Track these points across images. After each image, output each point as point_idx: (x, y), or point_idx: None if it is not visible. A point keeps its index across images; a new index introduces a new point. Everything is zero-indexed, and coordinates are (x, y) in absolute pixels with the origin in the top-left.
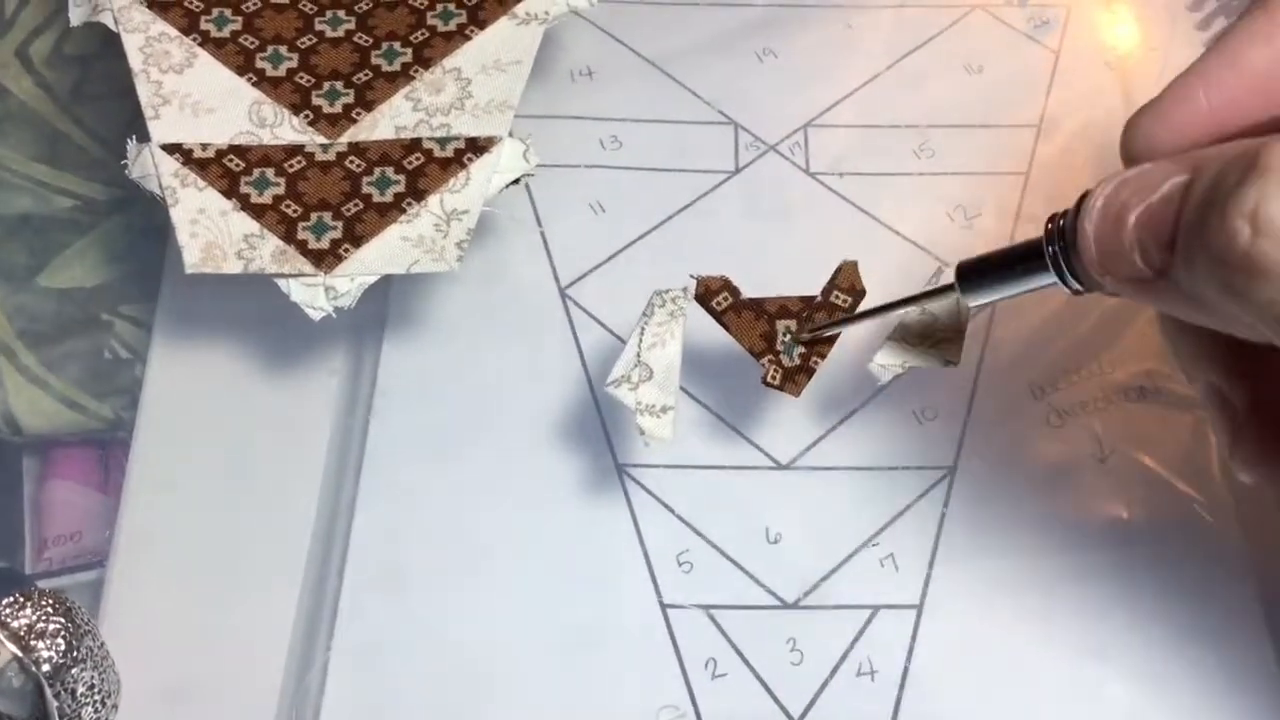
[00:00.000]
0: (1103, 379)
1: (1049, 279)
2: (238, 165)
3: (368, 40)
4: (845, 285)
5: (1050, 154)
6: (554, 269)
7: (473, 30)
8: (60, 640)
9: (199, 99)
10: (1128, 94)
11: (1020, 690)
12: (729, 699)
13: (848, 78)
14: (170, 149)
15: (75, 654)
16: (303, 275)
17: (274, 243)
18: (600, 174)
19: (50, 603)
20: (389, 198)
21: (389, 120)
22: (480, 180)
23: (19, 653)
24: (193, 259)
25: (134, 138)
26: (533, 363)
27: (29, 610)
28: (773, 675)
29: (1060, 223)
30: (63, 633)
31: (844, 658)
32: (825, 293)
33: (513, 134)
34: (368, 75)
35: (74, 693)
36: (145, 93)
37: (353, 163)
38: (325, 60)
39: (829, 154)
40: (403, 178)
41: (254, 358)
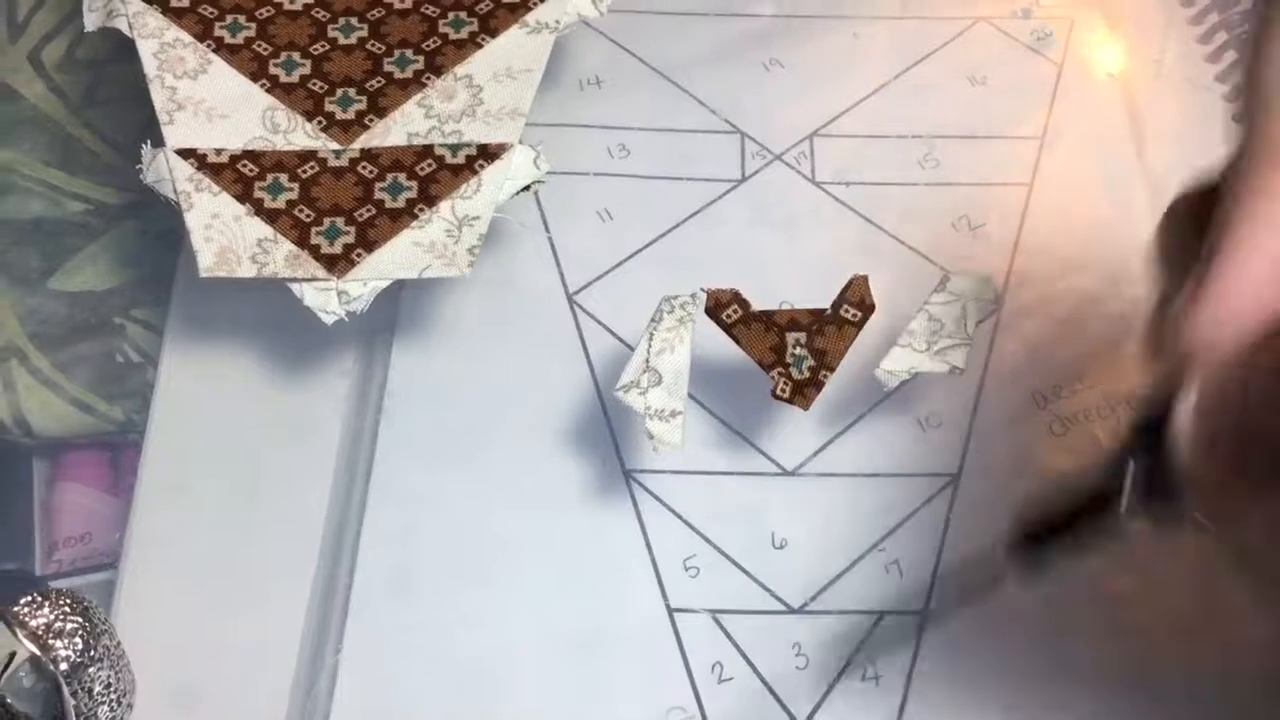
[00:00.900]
0: (1106, 387)
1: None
2: (252, 170)
3: (380, 47)
4: (855, 299)
5: (1053, 165)
6: (562, 275)
7: (484, 38)
8: (78, 639)
9: (213, 105)
10: (1130, 105)
11: (1021, 695)
12: (735, 702)
13: (853, 88)
14: (185, 154)
15: (92, 653)
16: (315, 280)
17: (287, 247)
18: (608, 182)
19: (68, 602)
20: (401, 203)
21: (401, 127)
22: (491, 187)
23: (37, 651)
24: (207, 263)
25: (149, 142)
26: (541, 368)
27: (47, 609)
28: (778, 679)
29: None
30: (80, 632)
31: (849, 662)
32: (835, 306)
33: (523, 141)
34: (380, 82)
35: (91, 691)
36: (160, 98)
37: (365, 169)
38: (338, 67)
39: (834, 163)
40: (415, 184)
41: (265, 361)
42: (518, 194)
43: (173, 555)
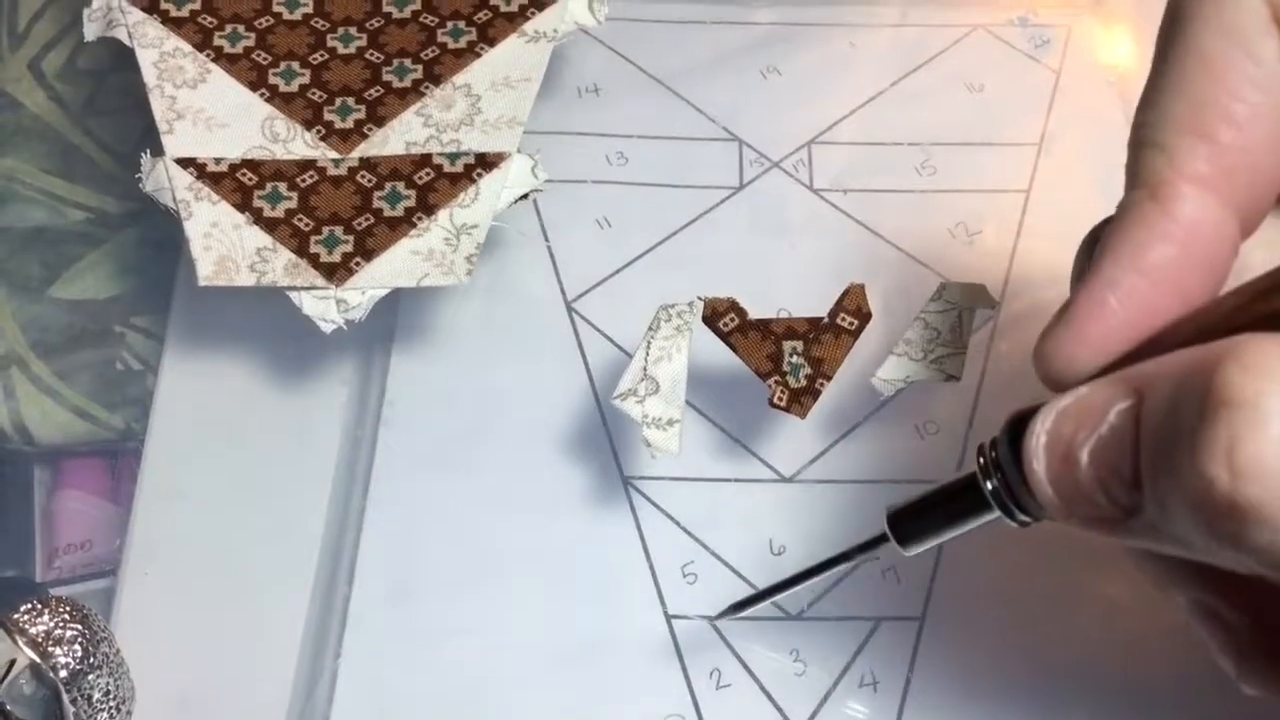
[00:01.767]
0: None
1: (991, 515)
2: (251, 180)
3: (379, 57)
4: (852, 308)
5: (1051, 172)
6: (560, 283)
7: (483, 48)
8: (77, 646)
9: (212, 114)
10: (1128, 112)
11: (1021, 700)
12: (733, 709)
13: (851, 96)
14: (184, 163)
15: (92, 660)
16: (314, 288)
17: (286, 256)
18: (607, 189)
19: (67, 610)
20: (400, 212)
21: (400, 136)
22: (490, 195)
23: (36, 659)
24: (206, 272)
25: (148, 152)
26: (539, 375)
27: (46, 617)
28: (776, 686)
29: (994, 454)
30: (79, 639)
31: (846, 669)
32: (832, 315)
33: (521, 150)
34: (379, 91)
35: (90, 699)
36: (159, 108)
37: (364, 178)
38: (337, 76)
39: (832, 171)
40: (413, 192)
41: (264, 369)
42: (516, 202)
43: (172, 563)
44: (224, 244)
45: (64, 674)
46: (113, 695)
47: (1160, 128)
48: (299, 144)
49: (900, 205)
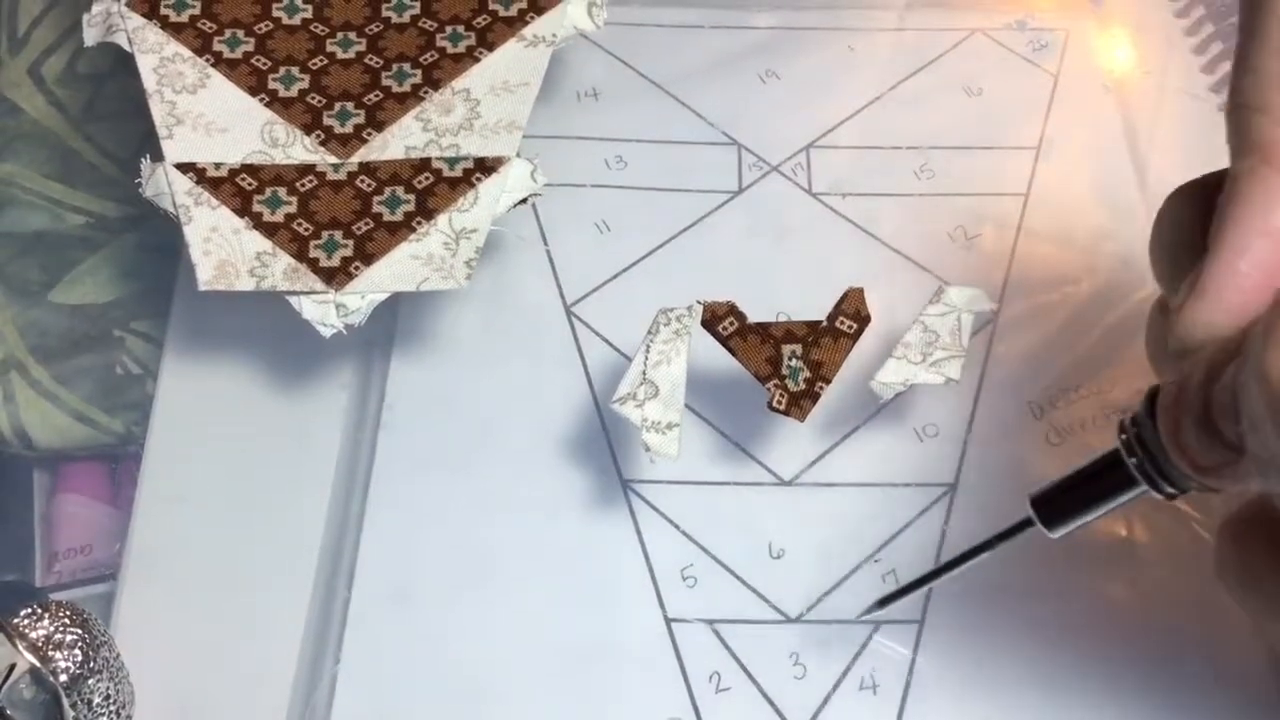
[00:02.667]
0: (1102, 398)
1: (1138, 490)
2: (250, 184)
3: (378, 62)
4: (851, 311)
5: (1049, 175)
6: (560, 287)
7: (481, 52)
8: (77, 651)
9: (212, 119)
10: (1126, 116)
11: (1021, 703)
12: (733, 712)
13: (849, 100)
14: (184, 168)
15: (92, 665)
16: (314, 292)
17: (286, 260)
18: (605, 193)
19: (68, 614)
20: (399, 216)
21: (399, 140)
22: (489, 199)
23: (37, 663)
24: (206, 276)
25: (148, 156)
26: (538, 379)
27: (46, 621)
28: (776, 689)
29: (1135, 429)
30: (80, 644)
31: (846, 672)
32: (831, 318)
33: (520, 154)
34: (378, 96)
35: (90, 703)
36: (159, 113)
37: (363, 182)
38: (336, 81)
39: (831, 175)
40: (413, 197)
41: (264, 373)
42: (515, 206)
43: (172, 567)
44: (224, 248)
45: (64, 678)
46: (113, 700)
47: (1258, 90)
48: (298, 149)
49: (899, 209)
